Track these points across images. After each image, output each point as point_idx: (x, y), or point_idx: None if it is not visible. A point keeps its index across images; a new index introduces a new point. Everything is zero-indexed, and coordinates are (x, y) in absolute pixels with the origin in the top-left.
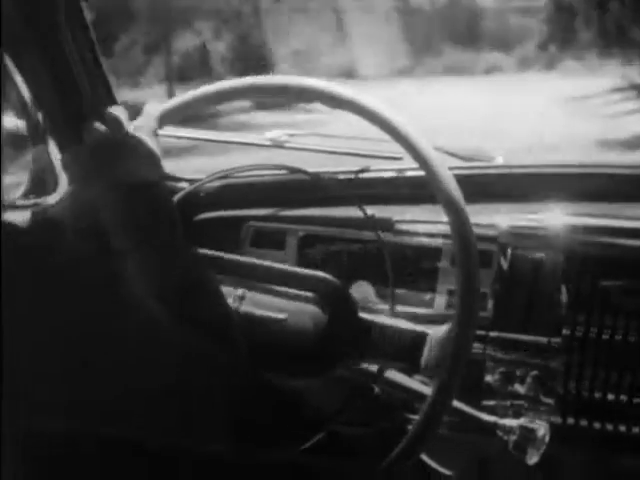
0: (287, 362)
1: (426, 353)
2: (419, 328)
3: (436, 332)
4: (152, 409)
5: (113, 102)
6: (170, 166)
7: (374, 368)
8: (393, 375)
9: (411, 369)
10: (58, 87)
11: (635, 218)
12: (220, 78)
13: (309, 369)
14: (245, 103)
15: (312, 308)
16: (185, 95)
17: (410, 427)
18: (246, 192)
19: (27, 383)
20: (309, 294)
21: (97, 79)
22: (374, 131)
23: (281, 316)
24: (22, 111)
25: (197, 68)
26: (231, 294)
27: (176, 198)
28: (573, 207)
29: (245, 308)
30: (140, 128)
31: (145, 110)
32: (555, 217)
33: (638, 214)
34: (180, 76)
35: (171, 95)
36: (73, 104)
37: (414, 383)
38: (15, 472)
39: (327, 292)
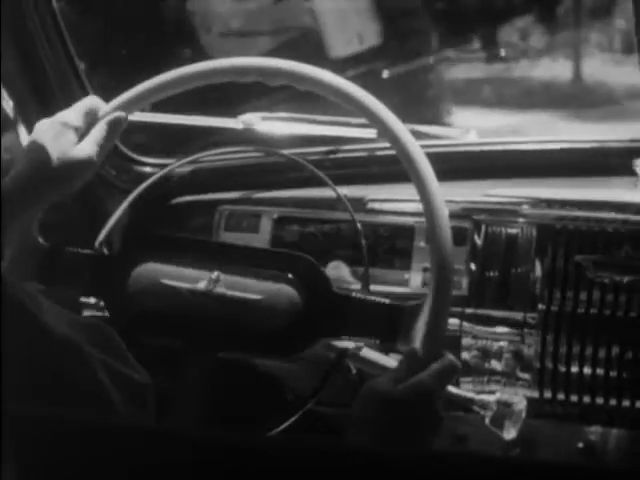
0: (263, 342)
1: (403, 325)
2: (394, 302)
3: (412, 305)
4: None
5: (83, 88)
6: None
7: (350, 345)
8: (369, 354)
9: (388, 342)
10: (27, 75)
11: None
12: None
13: (286, 348)
14: None
15: (287, 287)
16: (140, 86)
17: None
18: (219, 175)
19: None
20: (284, 274)
21: (66, 66)
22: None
23: (256, 297)
24: None
25: None
26: (205, 277)
27: (148, 183)
28: (546, 182)
29: (219, 290)
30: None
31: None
32: (528, 192)
33: (611, 187)
34: None
35: None
36: (42, 91)
37: (391, 361)
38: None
39: (301, 270)
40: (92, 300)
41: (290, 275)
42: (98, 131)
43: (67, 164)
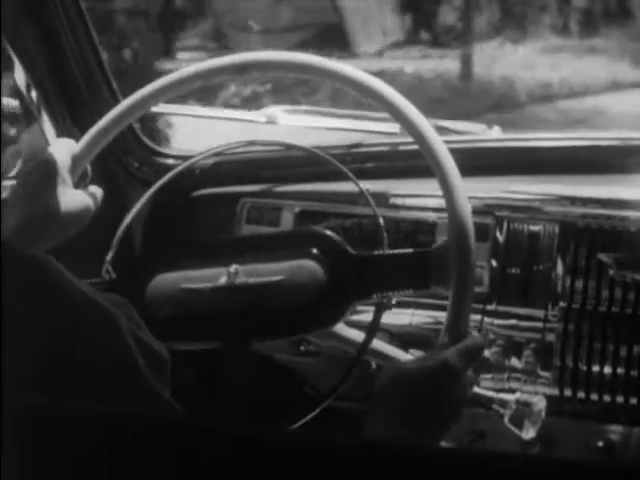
0: (296, 320)
1: (432, 269)
2: (419, 248)
3: (437, 247)
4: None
5: (108, 83)
6: None
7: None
8: (389, 349)
9: (422, 289)
10: (53, 68)
11: (630, 189)
12: None
13: (318, 321)
14: None
15: (306, 262)
16: (103, 119)
17: None
18: (241, 168)
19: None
20: (300, 250)
21: (92, 60)
22: (369, 107)
23: (278, 278)
24: (16, 92)
25: None
26: (224, 273)
27: (170, 175)
28: (569, 179)
29: (241, 280)
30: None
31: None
32: (551, 189)
33: (634, 185)
34: None
35: None
36: (67, 84)
37: (410, 357)
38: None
39: (315, 242)
40: None
41: (307, 250)
42: (94, 187)
43: (65, 214)
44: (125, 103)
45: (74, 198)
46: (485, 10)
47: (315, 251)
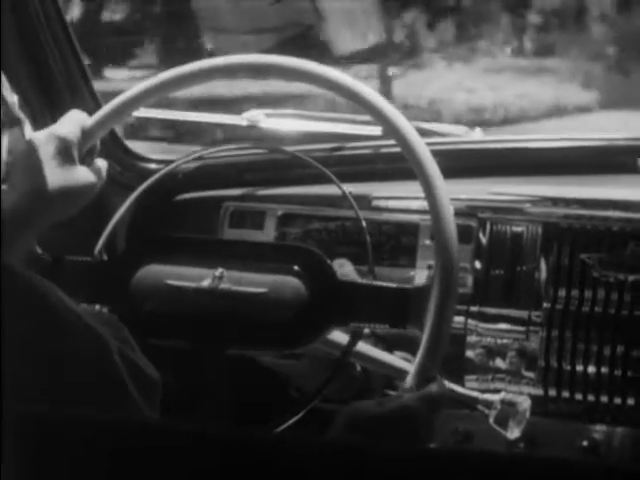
0: (272, 335)
1: (412, 309)
2: (402, 285)
3: (420, 286)
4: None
5: (88, 85)
6: None
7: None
8: (374, 352)
9: (398, 326)
10: (33, 72)
11: (613, 189)
12: None
13: (296, 338)
14: None
15: (291, 279)
16: (113, 101)
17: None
18: (223, 172)
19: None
20: (287, 266)
21: (73, 63)
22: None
23: (261, 290)
24: None
25: None
26: (209, 275)
27: (152, 179)
28: (552, 180)
29: (224, 286)
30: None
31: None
32: (534, 190)
33: (616, 185)
34: None
35: None
36: (48, 87)
37: (395, 359)
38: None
39: (304, 260)
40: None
41: (294, 266)
42: (100, 161)
43: (71, 190)
44: (143, 85)
45: (79, 175)
46: (438, 27)
47: (302, 270)
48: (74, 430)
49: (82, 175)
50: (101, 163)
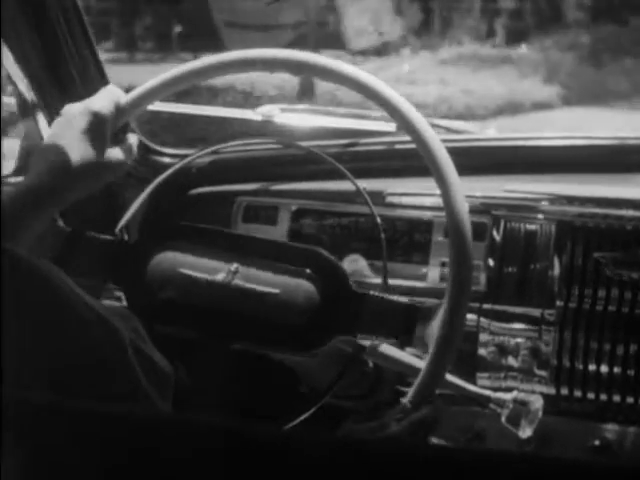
0: (279, 336)
1: (419, 326)
2: (412, 301)
3: (429, 305)
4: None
5: (103, 77)
6: None
7: (367, 342)
8: (386, 349)
9: (404, 342)
10: (47, 63)
11: (627, 188)
12: None
13: (301, 343)
14: None
15: (305, 283)
16: (155, 79)
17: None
18: (238, 167)
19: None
20: (302, 269)
21: (87, 55)
22: (366, 105)
23: (274, 290)
24: (12, 87)
25: None
26: (224, 268)
27: (168, 173)
28: (566, 178)
29: (238, 282)
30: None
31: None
32: (548, 188)
33: (631, 184)
34: None
35: None
36: (62, 80)
37: (407, 357)
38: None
39: (320, 267)
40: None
41: (309, 271)
42: (132, 137)
43: (99, 166)
44: (181, 68)
45: (109, 151)
46: (406, 13)
47: (316, 275)
48: (85, 424)
49: (112, 152)
50: (132, 140)
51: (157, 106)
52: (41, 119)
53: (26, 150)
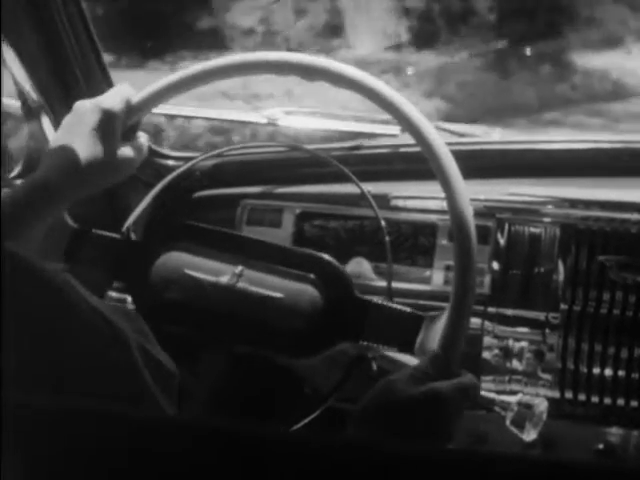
0: (281, 341)
1: (421, 335)
2: (415, 311)
3: (433, 316)
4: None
5: (108, 81)
6: None
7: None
8: (391, 352)
9: (405, 350)
10: (53, 65)
11: (631, 192)
12: None
13: (303, 348)
14: None
15: (309, 288)
16: (163, 80)
17: None
18: (242, 170)
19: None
20: (307, 274)
21: (92, 58)
22: (370, 109)
23: (278, 295)
24: (17, 90)
25: None
26: (229, 271)
27: (173, 175)
28: (570, 181)
29: (242, 285)
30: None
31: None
32: (552, 192)
33: (635, 188)
34: None
35: None
36: (67, 82)
37: (411, 359)
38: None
39: (324, 272)
40: (116, 285)
41: (313, 276)
42: (142, 137)
43: (108, 164)
44: (192, 69)
45: (119, 150)
46: (309, 12)
47: (320, 280)
48: (90, 425)
49: (122, 150)
50: (143, 139)
51: (160, 108)
52: (45, 121)
53: (30, 152)
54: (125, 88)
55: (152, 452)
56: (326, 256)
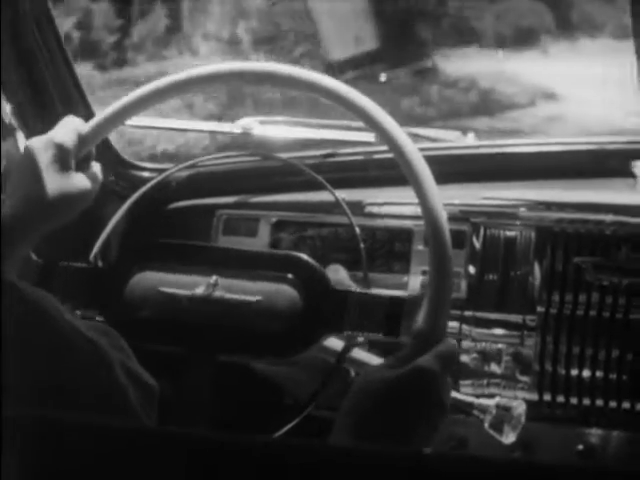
0: (266, 343)
1: (404, 318)
2: (396, 294)
3: (414, 296)
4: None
5: (81, 94)
6: None
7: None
8: (369, 358)
9: (391, 336)
10: (26, 81)
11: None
12: None
13: (289, 347)
14: None
15: (285, 287)
16: (116, 104)
17: None
18: (217, 180)
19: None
20: (282, 274)
21: (65, 74)
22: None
23: (255, 298)
24: None
25: None
26: (203, 282)
27: (145, 188)
28: (544, 184)
29: (218, 294)
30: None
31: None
32: (527, 194)
33: (609, 189)
34: None
35: None
36: (41, 100)
37: (379, 360)
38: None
39: (299, 270)
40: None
41: (288, 275)
42: (96, 166)
43: (68, 197)
44: (139, 91)
45: (76, 181)
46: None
47: (296, 278)
48: (72, 438)
49: (79, 181)
50: (96, 168)
51: (137, 121)
52: (21, 139)
53: (6, 169)
54: (73, 120)
55: (134, 463)
56: (299, 254)
